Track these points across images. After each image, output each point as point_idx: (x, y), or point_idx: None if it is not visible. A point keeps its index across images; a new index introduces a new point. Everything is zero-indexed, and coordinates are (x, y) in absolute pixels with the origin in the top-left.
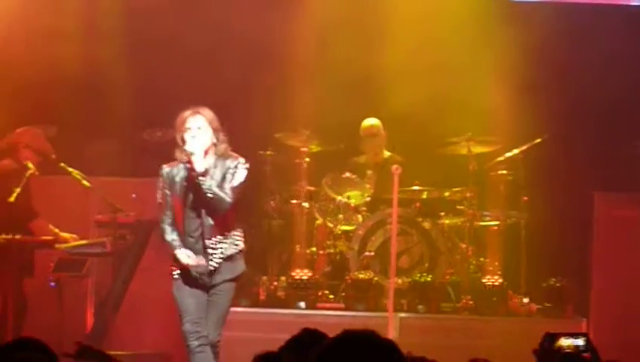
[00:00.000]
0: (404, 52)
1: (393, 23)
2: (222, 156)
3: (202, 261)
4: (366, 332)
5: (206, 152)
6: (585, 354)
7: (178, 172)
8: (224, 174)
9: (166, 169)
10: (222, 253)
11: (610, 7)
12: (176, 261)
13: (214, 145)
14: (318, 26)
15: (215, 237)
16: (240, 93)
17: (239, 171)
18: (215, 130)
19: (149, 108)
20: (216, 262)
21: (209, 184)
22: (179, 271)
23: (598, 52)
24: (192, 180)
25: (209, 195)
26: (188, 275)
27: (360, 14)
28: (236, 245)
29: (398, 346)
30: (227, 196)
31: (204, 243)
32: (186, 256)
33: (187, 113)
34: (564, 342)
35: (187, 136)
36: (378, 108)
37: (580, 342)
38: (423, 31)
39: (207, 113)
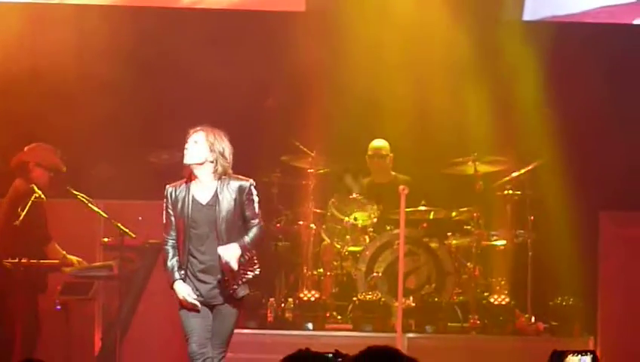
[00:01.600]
0: (412, 74)
1: (401, 46)
2: (225, 178)
3: (197, 305)
4: (389, 348)
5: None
6: None
7: (182, 191)
8: (241, 199)
9: (170, 188)
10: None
11: (616, 26)
12: (173, 288)
13: (212, 164)
14: (326, 49)
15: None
16: (247, 115)
17: (254, 196)
18: (213, 150)
19: (156, 131)
20: (237, 285)
21: (247, 252)
22: None
23: (604, 70)
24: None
25: (249, 253)
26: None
27: (367, 37)
28: (253, 271)
29: None
30: (257, 224)
31: (221, 265)
32: (181, 293)
33: (192, 131)
34: (572, 359)
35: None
36: (385, 129)
37: (587, 359)
38: (432, 53)
39: (209, 131)
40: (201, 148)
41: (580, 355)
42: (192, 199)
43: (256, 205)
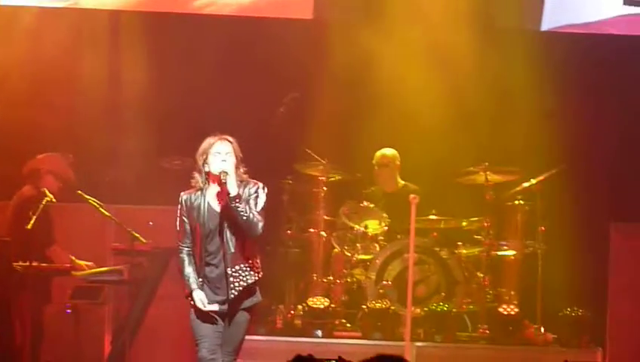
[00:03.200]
0: (423, 81)
1: (412, 52)
2: (242, 183)
3: (214, 307)
4: (398, 357)
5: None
6: None
7: (197, 198)
8: (247, 200)
9: (185, 196)
10: (244, 281)
11: (631, 37)
12: (189, 297)
13: (237, 172)
14: (336, 56)
15: (237, 265)
16: (260, 122)
17: (260, 196)
18: (238, 159)
19: (167, 137)
20: (237, 291)
21: (243, 207)
22: None
23: (617, 81)
24: (225, 205)
25: (243, 218)
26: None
27: (379, 44)
28: (257, 274)
29: None
30: (259, 220)
31: (225, 271)
32: (200, 301)
33: (214, 139)
34: None
35: (216, 159)
36: (395, 138)
37: None
38: (442, 59)
39: (233, 141)
40: (232, 159)
41: None
42: (208, 206)
43: (258, 207)
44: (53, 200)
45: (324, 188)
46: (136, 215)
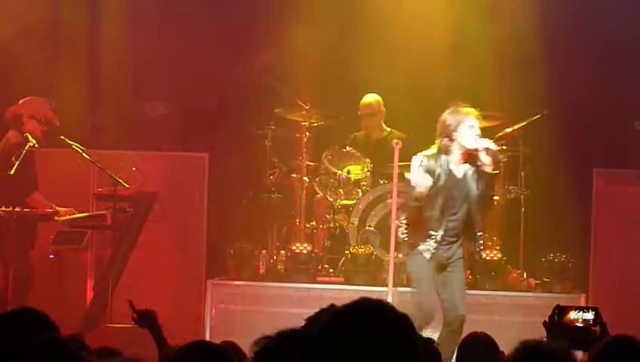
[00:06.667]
0: (409, 25)
1: (395, 3)
2: None
3: None
4: (381, 301)
5: None
6: (594, 328)
7: (440, 163)
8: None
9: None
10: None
11: None
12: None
13: None
14: (318, 9)
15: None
16: (241, 69)
17: None
18: None
19: (150, 82)
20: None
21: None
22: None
23: (598, 30)
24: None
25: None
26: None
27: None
28: None
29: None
30: None
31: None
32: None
33: (466, 111)
34: (574, 315)
35: (471, 132)
36: (379, 82)
37: (590, 315)
38: (428, 11)
39: None
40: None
41: (582, 312)
42: (450, 173)
43: None
44: (36, 145)
45: (307, 134)
46: (118, 160)
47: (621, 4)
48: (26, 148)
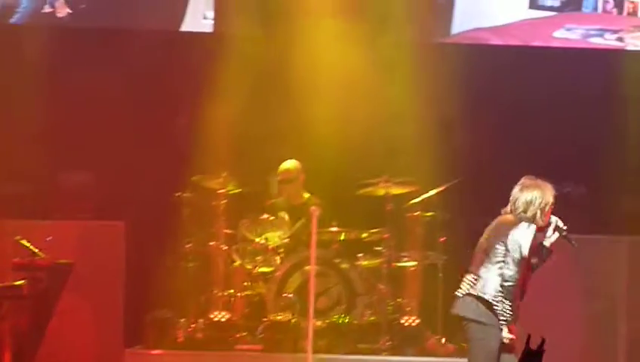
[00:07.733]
0: (322, 94)
1: (314, 68)
2: None
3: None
4: None
5: None
6: None
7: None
8: None
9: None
10: None
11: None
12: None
13: None
14: (237, 70)
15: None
16: (159, 133)
17: None
18: None
19: (66, 150)
20: None
21: None
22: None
23: (516, 92)
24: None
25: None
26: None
27: (278, 56)
28: None
29: None
30: None
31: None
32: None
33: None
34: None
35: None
36: (296, 150)
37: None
38: (341, 73)
39: None
40: None
41: None
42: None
43: None
44: None
45: (224, 201)
46: (34, 230)
47: (537, 66)
48: None
